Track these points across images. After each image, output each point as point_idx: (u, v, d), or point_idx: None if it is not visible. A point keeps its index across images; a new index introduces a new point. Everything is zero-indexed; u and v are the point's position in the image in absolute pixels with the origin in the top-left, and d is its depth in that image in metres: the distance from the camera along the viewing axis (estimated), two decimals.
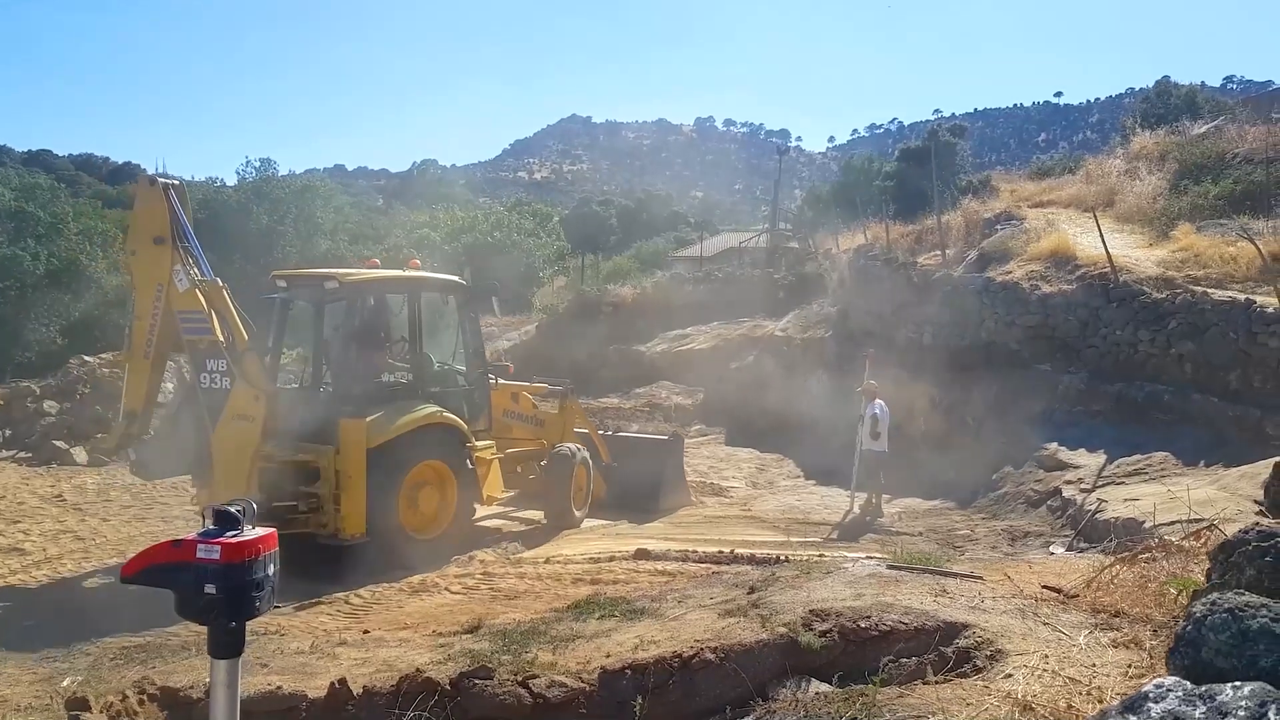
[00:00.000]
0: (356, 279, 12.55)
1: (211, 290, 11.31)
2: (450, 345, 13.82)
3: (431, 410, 12.04)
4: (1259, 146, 22.38)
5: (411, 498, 11.83)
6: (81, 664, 7.28)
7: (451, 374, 13.44)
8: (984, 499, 15.70)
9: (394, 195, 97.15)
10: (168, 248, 11.21)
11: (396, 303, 13.09)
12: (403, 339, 12.91)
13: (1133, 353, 16.40)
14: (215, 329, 11.17)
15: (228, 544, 3.01)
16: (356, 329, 12.48)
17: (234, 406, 11.13)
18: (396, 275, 13.45)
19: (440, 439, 12.11)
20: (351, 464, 11.03)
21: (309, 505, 11.05)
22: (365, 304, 12.69)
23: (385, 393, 12.25)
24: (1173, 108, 34.46)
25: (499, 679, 5.81)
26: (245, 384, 11.12)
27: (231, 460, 11.11)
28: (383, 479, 11.23)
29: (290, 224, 43.85)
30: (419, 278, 13.34)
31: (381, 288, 13.09)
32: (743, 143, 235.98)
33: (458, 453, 12.28)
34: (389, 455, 11.31)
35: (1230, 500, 10.86)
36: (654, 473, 15.59)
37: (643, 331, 30.47)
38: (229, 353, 11.17)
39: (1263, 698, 1.92)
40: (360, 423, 11.14)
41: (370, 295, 12.83)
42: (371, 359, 12.58)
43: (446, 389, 12.98)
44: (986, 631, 5.84)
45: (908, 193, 33.53)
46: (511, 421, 14.42)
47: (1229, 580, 2.60)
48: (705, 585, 8.20)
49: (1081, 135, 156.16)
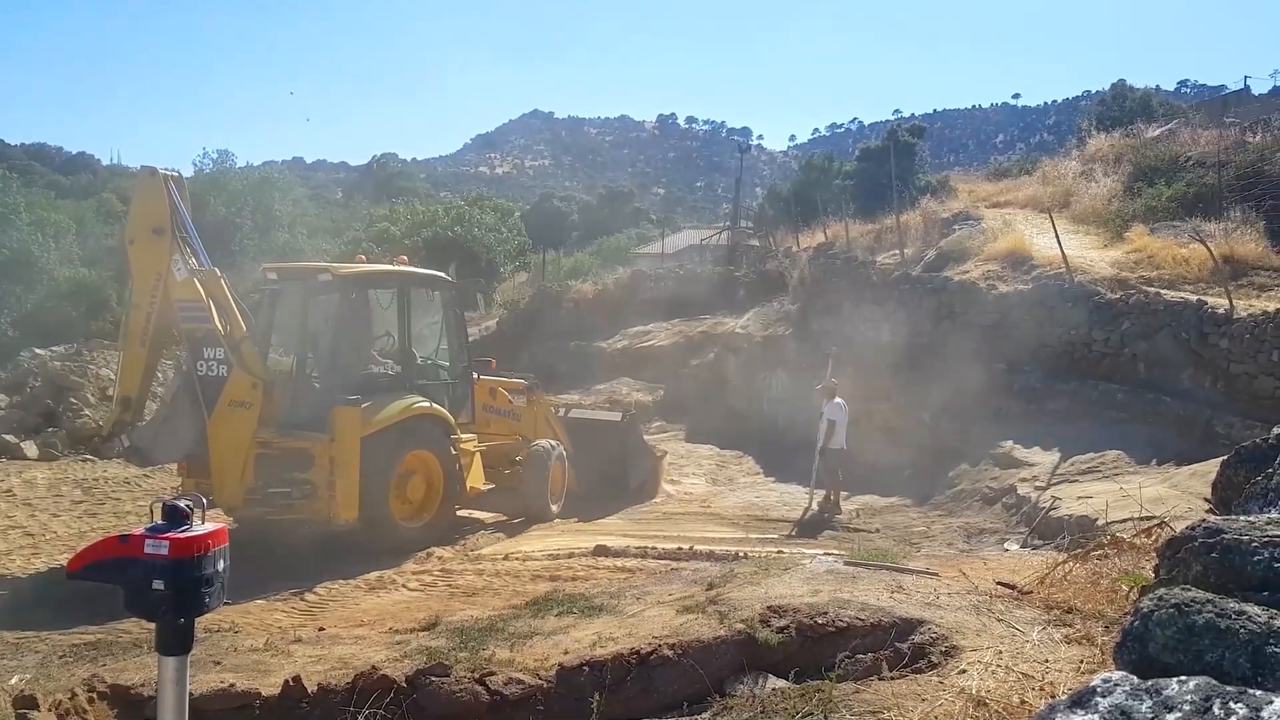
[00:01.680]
0: (348, 272, 12.84)
1: (209, 280, 11.61)
2: (436, 340, 14.14)
3: (421, 402, 12.31)
4: (1211, 150, 22.75)
5: (401, 486, 12.07)
6: (30, 662, 7.14)
7: (437, 368, 13.75)
8: (940, 496, 15.84)
9: (353, 188, 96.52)
10: (166, 238, 11.42)
11: (385, 297, 13.27)
12: (390, 333, 13.17)
13: (1087, 352, 16.61)
14: (214, 317, 11.41)
15: (176, 539, 2.97)
16: (347, 321, 12.64)
17: (231, 393, 11.41)
18: (386, 270, 13.84)
19: (428, 430, 12.39)
20: (345, 451, 11.24)
21: (303, 491, 11.24)
22: (355, 297, 12.79)
23: (373, 384, 12.40)
24: (1128, 111, 34.98)
25: (456, 676, 5.78)
26: (243, 371, 11.41)
27: (228, 446, 11.41)
28: (375, 466, 11.45)
29: (248, 216, 43.38)
30: (408, 273, 13.70)
31: (371, 282, 13.32)
32: (705, 140, 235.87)
33: (444, 444, 12.52)
34: (380, 443, 11.57)
35: (1181, 498, 11.02)
36: (617, 452, 15.80)
37: (603, 328, 30.41)
38: (227, 341, 11.43)
39: (1208, 692, 1.94)
40: (355, 410, 11.36)
41: (361, 289, 12.98)
42: (360, 351, 12.83)
43: (432, 382, 13.24)
44: (942, 628, 5.89)
45: (867, 192, 33.75)
46: (490, 416, 14.56)
47: (1176, 576, 2.63)
48: (664, 582, 8.20)
49: (1039, 137, 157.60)
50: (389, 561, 11.45)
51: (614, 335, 29.90)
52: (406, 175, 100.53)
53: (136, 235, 11.79)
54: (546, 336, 30.24)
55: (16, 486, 15.00)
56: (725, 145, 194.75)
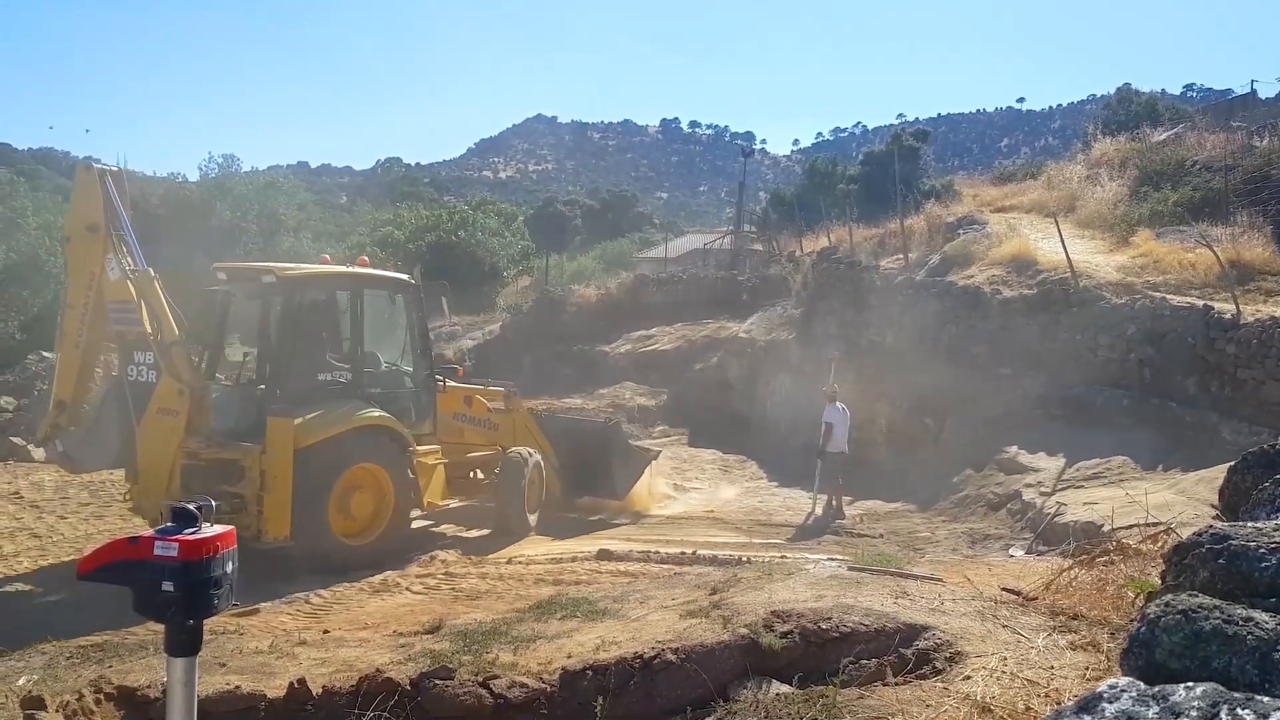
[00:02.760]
0: (293, 274, 12.16)
1: (142, 280, 11.04)
2: (397, 345, 13.35)
3: (369, 412, 11.66)
4: (1218, 154, 22.74)
5: (344, 502, 11.40)
6: (37, 662, 7.15)
7: (396, 375, 13.07)
8: (945, 501, 15.82)
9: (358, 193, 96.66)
10: (100, 236, 10.98)
11: (338, 300, 12.64)
12: (342, 337, 12.54)
13: (1092, 357, 16.58)
14: (144, 320, 10.92)
15: (186, 541, 2.97)
16: (293, 325, 11.84)
17: (159, 400, 10.87)
18: (337, 271, 13.12)
19: (377, 442, 11.72)
20: (277, 464, 10.61)
21: (232, 505, 10.48)
22: (303, 300, 11.99)
23: (322, 392, 11.82)
24: (1134, 115, 35.02)
25: (460, 679, 5.78)
26: (171, 377, 10.83)
27: (155, 455, 10.84)
28: (312, 481, 10.80)
29: (253, 220, 43.43)
30: (361, 274, 12.96)
31: (321, 284, 12.59)
32: (708, 145, 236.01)
33: (396, 457, 11.89)
34: (319, 457, 10.92)
35: (1187, 504, 11.00)
36: (600, 456, 15.04)
37: (607, 332, 30.42)
38: (156, 345, 10.90)
39: (1215, 698, 1.94)
40: (287, 421, 10.73)
41: (308, 291, 12.19)
42: (308, 357, 12.09)
43: (389, 390, 12.63)
44: (946, 633, 5.88)
45: (871, 196, 33.79)
46: (464, 425, 14.07)
47: (1183, 582, 2.63)
48: (667, 586, 8.19)
49: (1044, 141, 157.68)
50: (393, 564, 11.47)
51: (617, 339, 29.91)
52: (411, 179, 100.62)
53: (72, 232, 11.40)
54: (550, 341, 30.27)
55: (24, 489, 15.06)
56: (728, 149, 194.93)
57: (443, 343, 33.47)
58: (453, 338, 34.17)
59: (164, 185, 55.05)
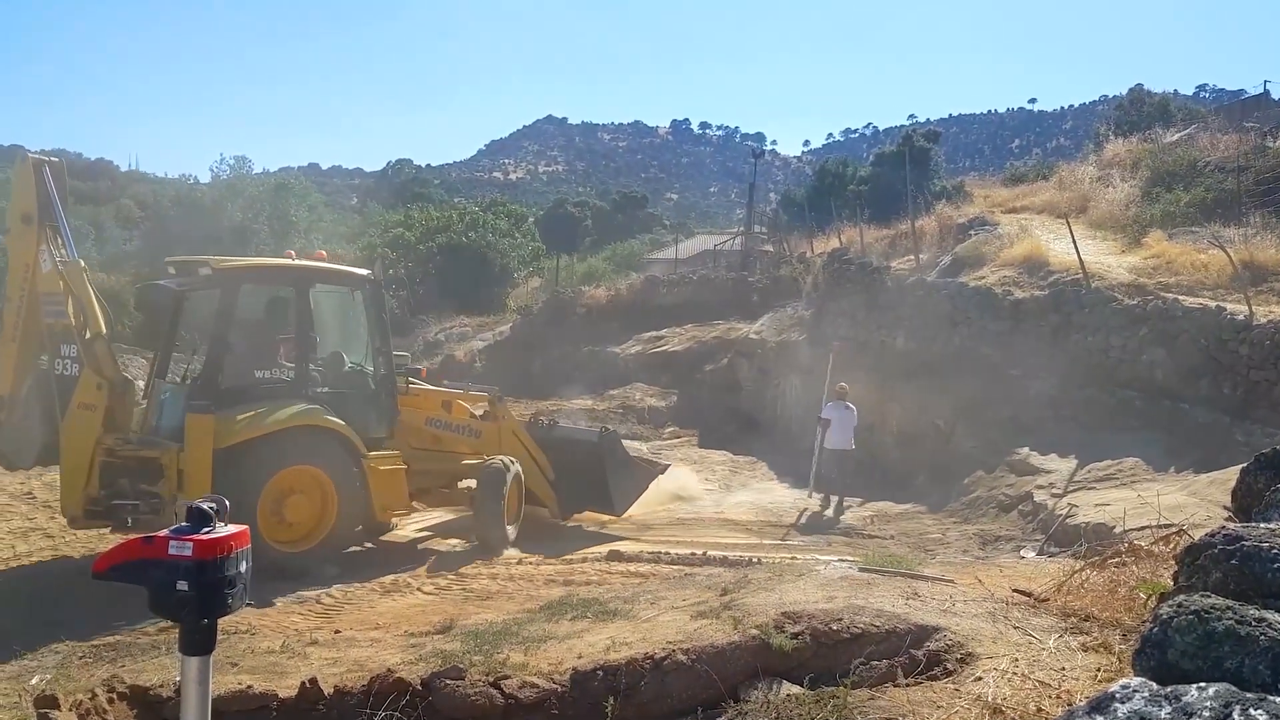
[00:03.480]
0: (230, 266, 11.61)
1: (71, 271, 10.80)
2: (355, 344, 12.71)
3: (306, 412, 10.98)
4: (1231, 155, 22.66)
5: (276, 507, 10.74)
6: (50, 662, 7.21)
7: (349, 375, 12.41)
8: (956, 503, 15.79)
9: (369, 194, 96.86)
10: (34, 227, 10.76)
11: (281, 294, 11.94)
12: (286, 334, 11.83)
13: (1104, 358, 16.53)
14: (69, 312, 10.68)
15: (201, 540, 2.99)
16: (227, 319, 11.25)
17: (80, 395, 10.50)
18: (280, 264, 12.50)
19: (316, 444, 11.03)
20: (194, 463, 10.07)
21: (150, 506, 10.05)
22: (239, 293, 11.40)
23: (261, 390, 11.22)
24: (1145, 115, 34.89)
25: (470, 679, 5.80)
26: (91, 371, 10.51)
27: (75, 451, 10.42)
28: (237, 482, 9.99)
29: (264, 222, 43.68)
30: (307, 268, 12.17)
31: (261, 277, 12.10)
32: (718, 146, 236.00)
33: (340, 461, 11.14)
34: (246, 457, 10.37)
35: (1200, 506, 10.96)
36: (596, 473, 13.93)
37: (617, 333, 30.46)
38: (79, 338, 10.62)
39: (1227, 698, 1.94)
40: (206, 419, 10.20)
41: (246, 284, 11.63)
42: (244, 353, 11.56)
43: (340, 390, 11.90)
44: (957, 635, 5.87)
45: (882, 197, 33.70)
46: (440, 431, 13.21)
47: (1196, 583, 2.63)
48: (678, 587, 8.20)
49: (1055, 142, 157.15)
50: (404, 565, 11.50)
51: (627, 340, 29.95)
52: (421, 181, 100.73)
53: (10, 224, 11.15)
54: (560, 342, 30.33)
55: (37, 489, 15.10)
56: (739, 150, 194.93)
57: (453, 344, 33.63)
58: (463, 339, 34.28)
59: (176, 187, 55.32)
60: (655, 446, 21.85)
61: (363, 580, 10.75)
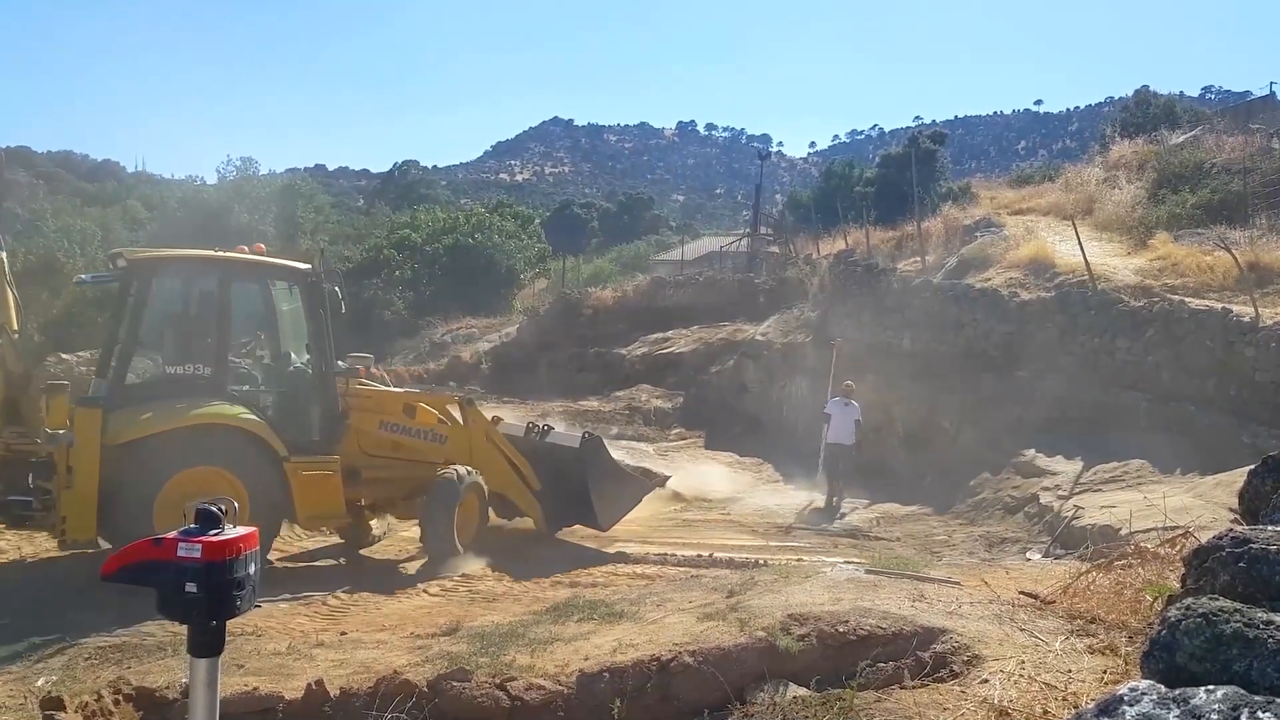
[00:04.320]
0: (143, 257, 11.10)
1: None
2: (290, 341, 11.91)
3: (213, 410, 10.31)
4: (1237, 156, 22.61)
5: (177, 509, 9.45)
6: (56, 663, 7.22)
7: (277, 373, 11.71)
8: (962, 505, 15.78)
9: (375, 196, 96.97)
10: None
11: (202, 287, 11.16)
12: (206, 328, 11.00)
13: (1110, 360, 16.51)
14: None
15: (209, 542, 3.00)
16: (138, 312, 10.69)
17: None
18: (200, 255, 11.68)
19: (224, 444, 10.29)
20: (82, 459, 9.60)
21: (44, 502, 9.74)
22: (153, 285, 10.77)
23: (173, 386, 10.56)
24: (1151, 117, 34.81)
25: (477, 681, 5.81)
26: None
27: None
28: (131, 481, 9.63)
29: (271, 223, 43.77)
30: (230, 260, 11.36)
31: (179, 269, 11.30)
32: (724, 147, 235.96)
33: (252, 463, 10.39)
34: (141, 455, 9.78)
35: (1206, 508, 10.94)
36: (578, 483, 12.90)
37: (623, 334, 30.46)
38: None
39: (1235, 701, 1.94)
40: (94, 413, 9.75)
41: (161, 276, 10.93)
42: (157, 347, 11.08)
43: (267, 389, 11.38)
44: (963, 637, 5.87)
45: (888, 199, 33.69)
46: (399, 437, 12.16)
47: (1203, 586, 2.62)
48: (684, 589, 8.20)
49: (1061, 143, 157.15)
50: (409, 566, 11.51)
51: (634, 342, 29.94)
52: (428, 182, 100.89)
53: None
54: (566, 343, 30.33)
55: None
56: (745, 152, 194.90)
57: (460, 346, 33.65)
58: (470, 340, 34.29)
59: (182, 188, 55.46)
60: (661, 448, 21.85)
61: (369, 582, 10.76)
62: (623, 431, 23.12)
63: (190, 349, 10.95)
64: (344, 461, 11.33)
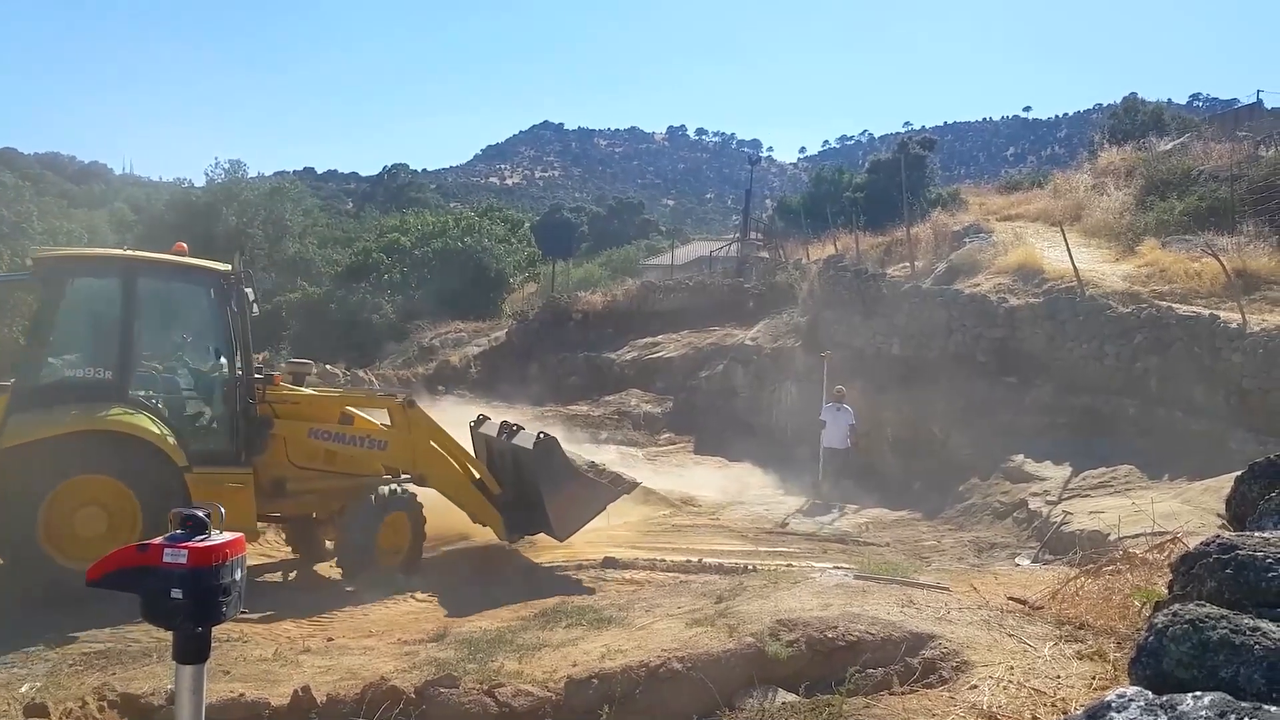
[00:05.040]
0: (49, 256, 10.75)
1: None
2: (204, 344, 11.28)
3: (105, 417, 9.71)
4: (1224, 163, 22.70)
5: (65, 519, 9.49)
6: (40, 670, 7.16)
7: (185, 378, 11.08)
8: (951, 510, 15.80)
9: (364, 199, 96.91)
10: None
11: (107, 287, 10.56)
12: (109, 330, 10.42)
13: (1099, 366, 16.56)
14: None
15: (195, 548, 2.98)
16: (44, 313, 10.31)
17: None
18: (104, 254, 11.33)
19: (118, 453, 9.66)
20: None
21: None
22: (54, 285, 10.25)
23: (70, 391, 10.00)
24: (1140, 124, 34.99)
25: (464, 688, 5.79)
26: None
27: None
28: (17, 490, 9.20)
29: (259, 226, 43.67)
30: (135, 259, 10.78)
31: (82, 268, 10.80)
32: (714, 152, 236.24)
33: (147, 473, 9.73)
34: (27, 461, 9.28)
35: (1194, 513, 10.97)
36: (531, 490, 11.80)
37: (613, 339, 30.47)
38: None
39: (1223, 707, 1.95)
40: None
41: (64, 276, 10.39)
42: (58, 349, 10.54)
43: (178, 395, 10.70)
44: (952, 642, 5.88)
45: (877, 204, 33.82)
46: (331, 445, 11.24)
47: (1190, 592, 2.63)
48: (673, 594, 8.20)
49: (1050, 150, 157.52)
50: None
51: (623, 346, 29.95)
52: (417, 186, 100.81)
53: None
54: (555, 347, 30.31)
55: None
56: (735, 157, 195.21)
57: (449, 350, 33.59)
58: (459, 344, 34.23)
59: (170, 191, 55.25)
60: (651, 453, 21.85)
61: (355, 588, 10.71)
62: (612, 436, 23.12)
63: (94, 351, 10.49)
64: (269, 473, 10.70)
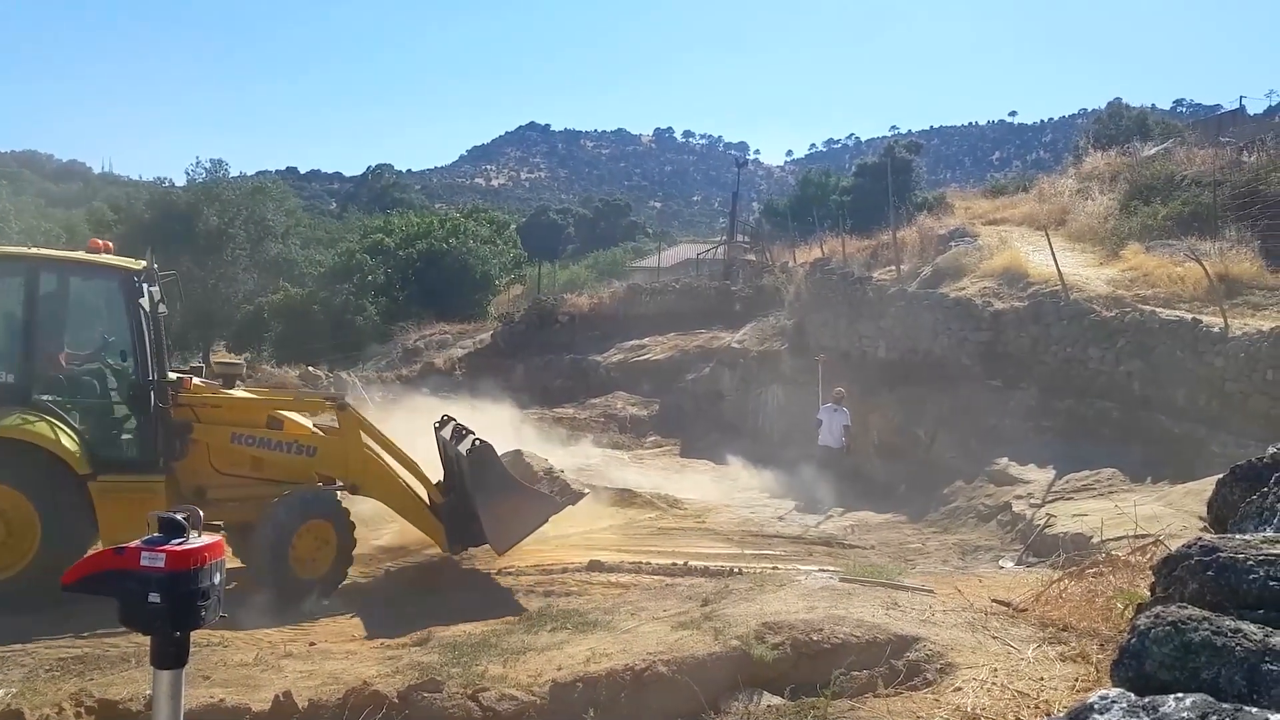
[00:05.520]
0: None
1: None
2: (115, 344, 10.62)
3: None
4: (1207, 169, 22.84)
5: None
6: (16, 675, 7.09)
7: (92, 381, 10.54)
8: (935, 513, 15.83)
9: (348, 199, 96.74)
10: None
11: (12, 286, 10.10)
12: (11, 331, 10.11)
13: (1083, 370, 16.62)
14: None
15: (173, 552, 2.95)
16: None
17: None
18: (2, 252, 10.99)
19: (12, 460, 9.28)
20: None
21: None
22: None
23: None
24: (1124, 129, 35.19)
25: (448, 692, 5.76)
26: None
27: None
28: None
29: (240, 226, 43.46)
30: (36, 256, 10.46)
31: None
32: (701, 154, 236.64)
33: (47, 481, 9.38)
34: None
35: (1176, 516, 11.01)
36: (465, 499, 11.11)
37: (599, 341, 30.47)
38: None
39: (1204, 709, 1.95)
40: None
41: None
42: None
43: (78, 399, 10.14)
44: (937, 645, 5.88)
45: (864, 208, 33.91)
46: (257, 450, 10.62)
47: (1172, 594, 2.63)
48: (659, 597, 8.19)
49: (1035, 154, 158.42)
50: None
51: (609, 349, 29.94)
52: (401, 186, 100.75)
53: None
54: (541, 350, 30.28)
55: None
56: (722, 159, 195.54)
57: (433, 352, 33.53)
58: (443, 346, 34.17)
59: (150, 190, 54.93)
60: (637, 455, 21.83)
61: (338, 591, 10.65)
62: (598, 438, 23.10)
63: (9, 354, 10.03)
64: (190, 480, 10.19)
